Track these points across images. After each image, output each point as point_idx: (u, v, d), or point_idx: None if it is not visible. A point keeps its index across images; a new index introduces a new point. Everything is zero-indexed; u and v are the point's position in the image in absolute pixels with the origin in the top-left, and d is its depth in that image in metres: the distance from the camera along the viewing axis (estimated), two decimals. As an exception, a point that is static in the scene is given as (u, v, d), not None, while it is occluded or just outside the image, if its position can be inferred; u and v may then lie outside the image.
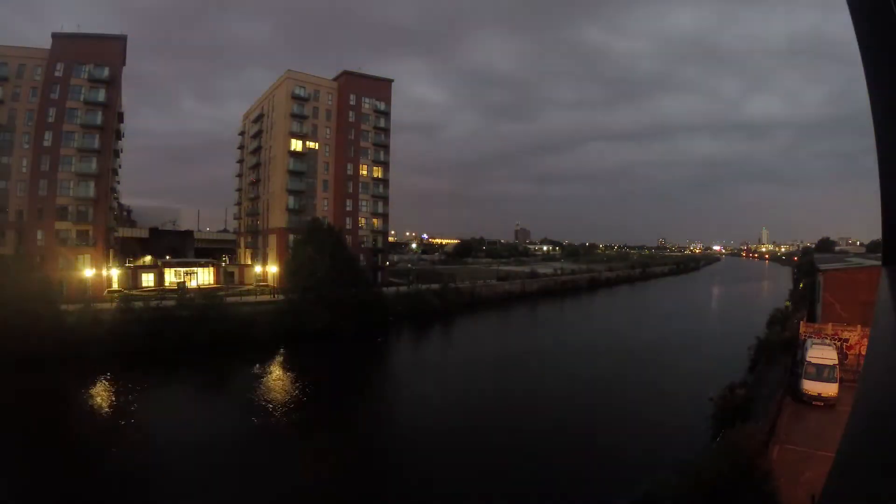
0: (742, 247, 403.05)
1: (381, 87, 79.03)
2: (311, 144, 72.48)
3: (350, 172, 75.08)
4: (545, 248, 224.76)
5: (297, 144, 70.90)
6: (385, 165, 78.83)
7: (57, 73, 56.49)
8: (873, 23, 1.50)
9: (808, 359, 25.19)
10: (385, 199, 78.88)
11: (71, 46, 56.99)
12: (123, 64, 62.06)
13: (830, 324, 29.79)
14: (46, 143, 55.55)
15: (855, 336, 28.10)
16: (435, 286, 66.38)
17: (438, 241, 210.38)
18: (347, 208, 74.60)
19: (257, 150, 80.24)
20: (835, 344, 27.77)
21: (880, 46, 1.52)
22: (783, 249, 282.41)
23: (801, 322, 32.34)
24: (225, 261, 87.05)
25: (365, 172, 76.66)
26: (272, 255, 72.49)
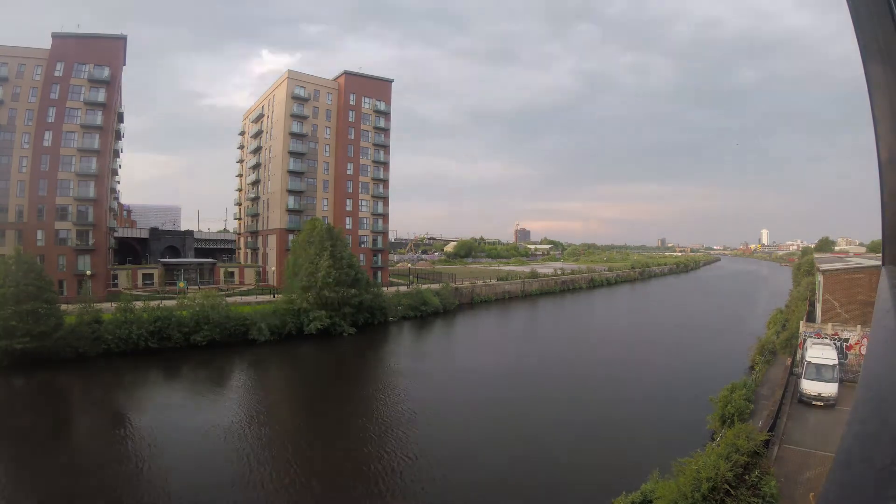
0: (741, 247, 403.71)
1: (381, 87, 79.08)
2: (311, 144, 72.53)
3: (350, 172, 75.11)
4: (545, 248, 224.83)
5: (297, 144, 70.95)
6: (385, 165, 78.89)
7: (57, 73, 56.53)
8: (874, 22, 1.50)
9: (808, 359, 25.21)
10: (385, 199, 78.94)
11: (71, 46, 57.04)
12: (124, 64, 62.10)
13: (830, 324, 29.77)
14: (46, 143, 55.59)
15: (855, 336, 28.09)
16: (435, 286, 66.44)
17: (439, 240, 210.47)
18: (347, 208, 74.64)
19: (257, 151, 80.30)
20: (835, 344, 27.77)
21: (881, 45, 1.52)
22: (780, 254, 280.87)
23: (801, 322, 32.32)
24: (225, 261, 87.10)
25: (365, 173, 76.76)
26: (272, 255, 72.55)
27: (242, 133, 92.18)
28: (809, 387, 23.77)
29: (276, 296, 54.00)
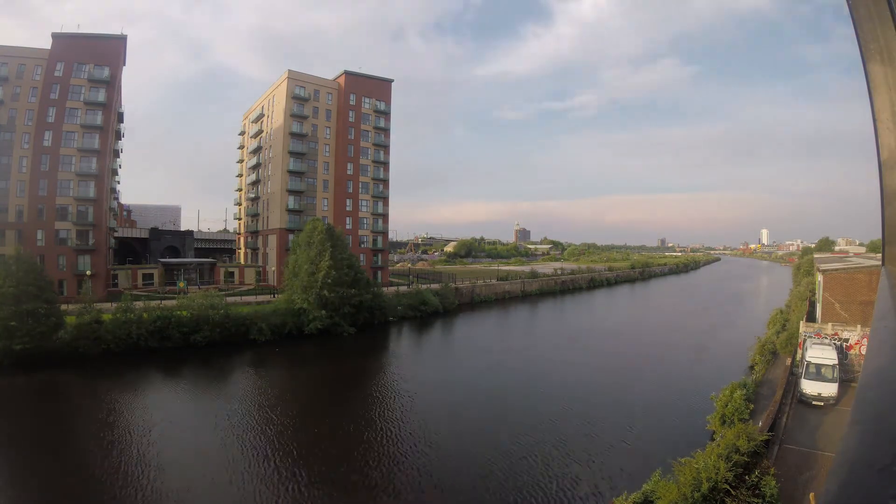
0: (741, 247, 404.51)
1: (381, 87, 79.07)
2: (311, 144, 72.53)
3: (350, 172, 75.12)
4: (546, 248, 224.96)
5: (297, 144, 70.95)
6: (385, 165, 78.90)
7: (57, 73, 56.53)
8: (874, 22, 1.50)
9: (808, 359, 25.22)
10: (385, 199, 78.95)
11: (71, 46, 57.04)
12: (124, 64, 62.10)
13: (830, 324, 29.77)
14: (46, 143, 55.58)
15: (855, 336, 28.08)
16: (435, 286, 66.43)
17: (439, 240, 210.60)
18: (347, 208, 74.66)
19: (257, 150, 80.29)
20: (835, 344, 27.76)
21: (881, 45, 1.52)
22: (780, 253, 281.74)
23: (801, 322, 32.32)
24: (225, 261, 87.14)
25: (365, 173, 76.77)
26: (272, 255, 72.56)
27: (242, 133, 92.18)
28: (809, 387, 23.77)
29: (275, 296, 54.01)
